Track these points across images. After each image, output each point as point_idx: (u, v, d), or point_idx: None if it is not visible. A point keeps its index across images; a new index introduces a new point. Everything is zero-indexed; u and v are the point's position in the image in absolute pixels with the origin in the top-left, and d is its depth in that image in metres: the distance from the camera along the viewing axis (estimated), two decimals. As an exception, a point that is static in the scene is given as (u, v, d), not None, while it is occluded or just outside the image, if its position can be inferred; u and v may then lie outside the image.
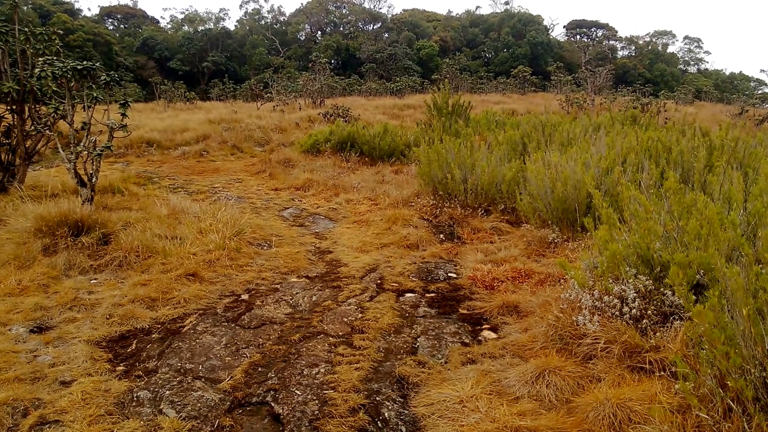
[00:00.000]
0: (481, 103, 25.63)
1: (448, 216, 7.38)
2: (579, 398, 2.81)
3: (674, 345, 2.97)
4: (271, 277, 5.10)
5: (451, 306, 4.45)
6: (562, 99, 23.54)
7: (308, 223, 7.40)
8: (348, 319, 4.10)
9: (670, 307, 3.32)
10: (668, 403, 2.58)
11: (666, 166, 5.73)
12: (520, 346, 3.56)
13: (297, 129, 17.40)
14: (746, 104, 27.53)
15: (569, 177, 5.73)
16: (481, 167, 7.34)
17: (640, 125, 10.08)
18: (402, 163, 11.98)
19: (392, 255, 5.82)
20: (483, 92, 36.75)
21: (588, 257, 4.06)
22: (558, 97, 27.72)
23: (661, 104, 22.09)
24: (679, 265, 2.78)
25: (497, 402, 2.85)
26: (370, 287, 4.83)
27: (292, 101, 25.92)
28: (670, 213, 3.64)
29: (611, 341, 3.17)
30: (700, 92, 44.47)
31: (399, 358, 3.51)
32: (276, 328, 3.95)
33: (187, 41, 54.48)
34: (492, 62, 63.76)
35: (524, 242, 5.99)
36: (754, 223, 3.42)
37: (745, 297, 2.26)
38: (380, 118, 19.75)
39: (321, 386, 3.12)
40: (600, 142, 7.06)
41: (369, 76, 46.97)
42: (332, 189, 9.65)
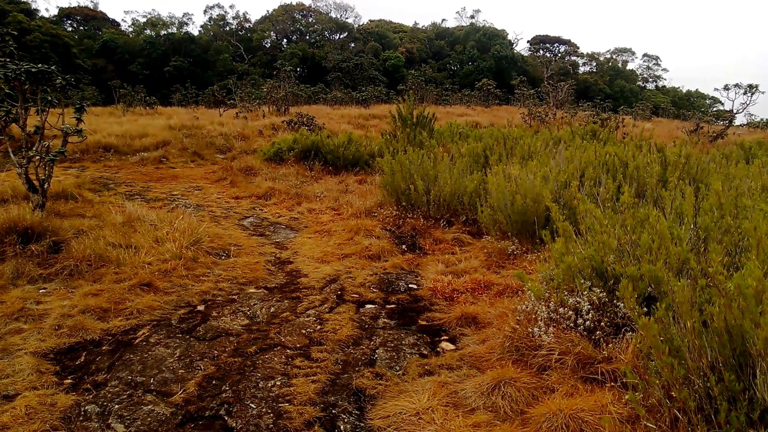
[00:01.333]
0: (446, 115, 25.85)
1: (411, 227, 7.41)
2: (533, 409, 2.85)
3: (625, 356, 3.04)
4: (229, 287, 5.04)
5: (410, 317, 4.46)
6: (525, 112, 23.87)
7: (269, 232, 7.35)
8: (306, 331, 4.08)
9: (622, 319, 3.40)
10: (618, 414, 2.63)
11: (622, 181, 5.86)
12: (478, 358, 3.59)
13: (260, 137, 17.29)
14: (701, 121, 28.30)
15: (529, 190, 5.82)
16: (443, 179, 7.41)
17: (599, 140, 10.30)
18: (366, 173, 11.99)
19: (354, 265, 5.82)
20: (448, 104, 37.10)
21: (545, 269, 4.12)
22: (521, 110, 28.12)
23: (620, 120, 22.54)
24: (630, 278, 2.86)
25: (453, 414, 2.87)
26: (330, 298, 4.81)
27: (256, 108, 25.78)
28: (624, 227, 3.73)
29: (565, 352, 3.23)
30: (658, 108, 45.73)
31: (357, 370, 3.51)
32: (232, 340, 3.91)
33: (148, 45, 53.82)
34: (457, 74, 64.51)
35: (484, 254, 6.05)
36: (704, 237, 3.52)
37: (690, 310, 2.33)
38: (345, 127, 19.73)
39: (276, 399, 3.10)
40: (560, 155, 7.19)
41: (335, 85, 47.02)
42: (295, 198, 9.60)
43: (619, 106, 43.31)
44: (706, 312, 2.34)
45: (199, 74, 53.90)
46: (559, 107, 28.97)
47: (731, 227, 3.41)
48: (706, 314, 2.34)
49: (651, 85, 78.63)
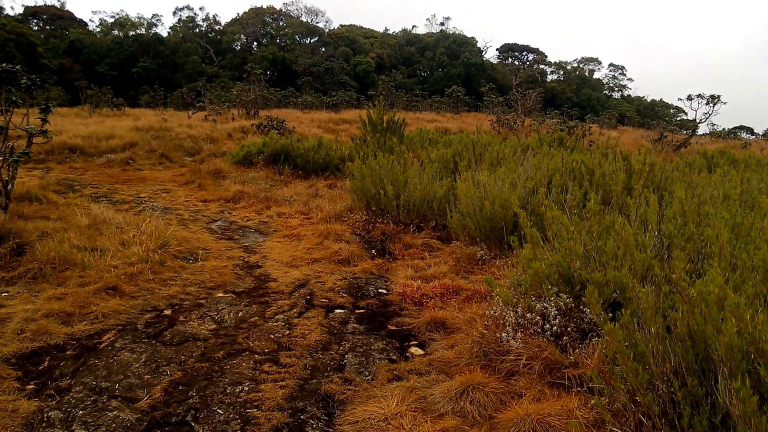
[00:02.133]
0: (416, 121, 25.98)
1: (381, 231, 7.42)
2: (501, 414, 2.87)
3: (592, 361, 3.08)
4: (196, 291, 4.97)
5: (380, 322, 4.46)
6: (494, 119, 24.13)
7: (237, 236, 7.28)
8: (275, 336, 4.05)
9: (588, 325, 3.45)
10: (584, 418, 2.67)
11: (589, 188, 5.96)
12: (446, 363, 3.60)
13: (229, 140, 17.14)
14: (665, 130, 28.97)
15: (497, 196, 5.88)
16: (413, 184, 7.44)
17: (566, 147, 10.46)
18: (336, 178, 11.98)
19: (323, 270, 5.80)
20: (418, 110, 37.31)
21: (513, 275, 4.16)
22: (490, 117, 28.40)
23: (587, 128, 22.97)
24: (596, 285, 2.90)
25: (422, 419, 2.88)
26: (299, 303, 4.78)
27: (225, 111, 25.57)
28: (590, 233, 3.78)
29: (533, 357, 3.26)
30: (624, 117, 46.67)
31: (326, 375, 3.49)
32: (199, 345, 3.86)
33: (116, 46, 52.98)
34: (427, 81, 64.91)
35: (453, 259, 6.08)
36: (667, 244, 3.60)
37: (654, 316, 2.37)
38: (315, 131, 19.69)
39: (244, 405, 3.06)
40: (527, 162, 7.28)
41: (305, 89, 46.90)
42: (264, 202, 9.53)
43: (586, 114, 44.10)
44: (670, 318, 2.39)
45: (167, 76, 53.25)
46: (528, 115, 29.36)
47: (694, 235, 3.49)
48: (670, 320, 2.39)
49: (617, 94, 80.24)
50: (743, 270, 2.56)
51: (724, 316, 2.01)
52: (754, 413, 1.77)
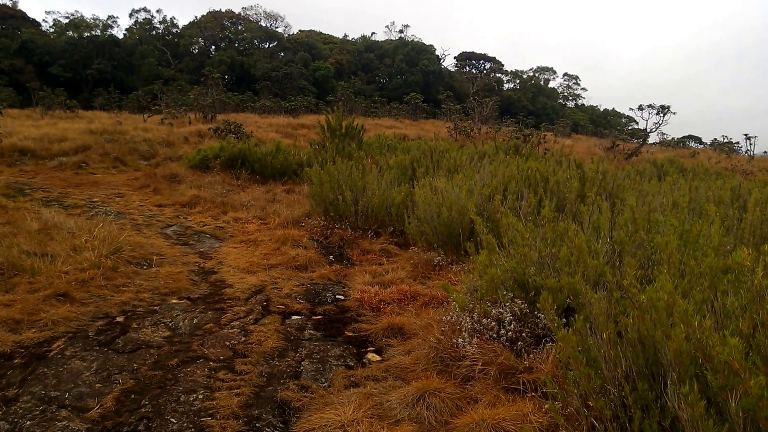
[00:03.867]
0: (375, 127, 26.04)
1: (339, 237, 7.40)
2: (457, 419, 2.88)
3: (546, 366, 3.13)
4: (150, 298, 4.86)
5: (337, 328, 4.44)
6: (451, 127, 24.38)
7: (193, 241, 7.16)
8: (230, 343, 3.99)
9: (543, 330, 3.50)
10: (539, 423, 2.71)
11: (543, 195, 6.06)
12: (403, 369, 3.61)
13: (186, 143, 16.90)
14: (617, 139, 29.72)
15: (454, 203, 5.93)
16: (372, 190, 7.45)
17: (521, 155, 10.63)
18: (294, 183, 11.93)
19: (280, 276, 5.74)
20: (376, 116, 37.38)
21: (469, 281, 4.20)
22: (447, 124, 28.66)
23: (542, 136, 23.39)
24: (550, 290, 2.95)
25: (378, 425, 2.87)
26: (255, 309, 4.72)
27: (182, 115, 25.20)
28: (544, 240, 3.85)
29: (488, 363, 3.29)
30: (578, 126, 47.69)
31: (282, 382, 3.45)
32: (153, 353, 3.77)
33: (70, 47, 51.56)
34: (386, 87, 65.12)
35: (411, 264, 6.10)
36: (619, 250, 3.68)
37: (606, 321, 2.42)
38: (273, 136, 19.57)
39: (198, 413, 3.00)
40: (484, 170, 7.37)
41: (263, 94, 46.43)
42: (220, 207, 9.41)
43: (541, 122, 44.87)
44: (621, 323, 2.44)
45: (123, 78, 52.00)
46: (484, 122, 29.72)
47: (644, 242, 3.58)
48: (621, 326, 2.44)
49: (571, 104, 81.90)
50: (691, 276, 2.64)
51: (673, 322, 2.06)
52: (702, 417, 1.82)
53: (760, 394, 1.65)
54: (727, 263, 2.41)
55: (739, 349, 1.72)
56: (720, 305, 2.34)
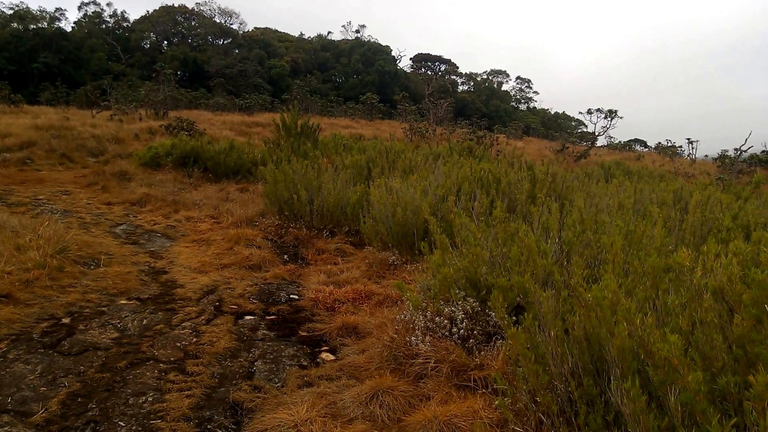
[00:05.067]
0: (330, 126, 25.98)
1: (294, 237, 7.37)
2: (410, 417, 2.92)
3: (496, 363, 3.20)
4: (98, 298, 4.75)
5: (291, 328, 4.43)
6: (407, 127, 24.48)
7: (143, 240, 7.02)
8: (181, 344, 3.94)
9: (494, 328, 3.58)
10: (489, 418, 2.76)
11: (495, 196, 6.17)
12: (357, 368, 3.63)
13: (136, 140, 16.51)
14: (567, 141, 30.41)
15: (409, 203, 5.98)
16: (327, 189, 7.44)
17: (475, 156, 10.77)
18: (248, 182, 11.83)
19: (233, 276, 5.69)
20: (333, 116, 37.29)
21: (423, 280, 4.26)
22: (403, 125, 28.78)
23: (495, 138, 23.73)
24: (500, 289, 3.01)
25: (331, 424, 2.88)
26: (207, 310, 4.67)
27: (133, 111, 24.60)
28: (496, 240, 3.93)
29: (441, 360, 3.34)
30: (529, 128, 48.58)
31: (234, 383, 3.42)
32: (100, 355, 3.69)
33: (15, 39, 49.66)
34: (342, 87, 65.00)
35: (366, 264, 6.13)
36: (567, 250, 3.78)
37: (554, 319, 2.50)
38: (227, 134, 19.33)
39: (148, 416, 2.95)
40: (438, 170, 7.45)
41: (217, 91, 45.76)
42: (172, 205, 9.24)
43: (494, 124, 45.46)
44: (568, 321, 2.52)
45: (71, 73, 50.34)
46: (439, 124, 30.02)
47: (591, 242, 3.69)
48: (568, 323, 2.52)
49: (523, 107, 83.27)
50: (635, 276, 2.74)
51: (617, 319, 2.13)
52: (643, 411, 1.89)
53: (698, 389, 1.72)
54: (668, 263, 2.51)
55: (678, 345, 1.80)
56: (661, 303, 2.43)
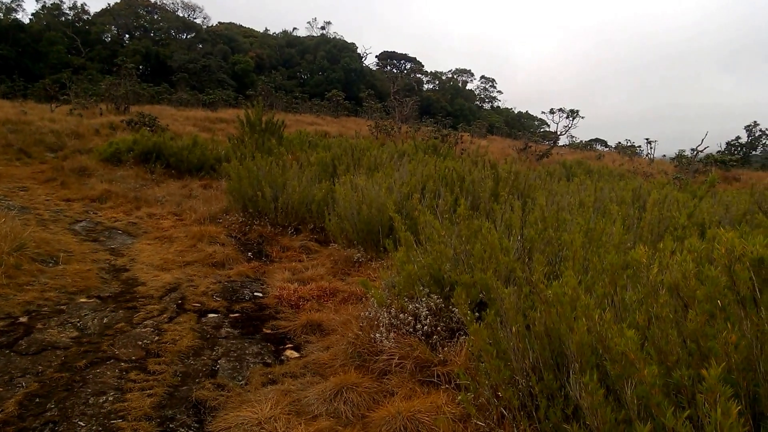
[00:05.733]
0: (296, 123, 25.82)
1: (258, 234, 7.33)
2: (374, 413, 2.93)
3: (459, 359, 3.24)
4: (57, 297, 4.64)
5: (255, 326, 4.41)
6: (372, 125, 24.48)
7: (104, 238, 6.89)
8: (143, 343, 3.88)
9: (457, 324, 3.62)
10: (452, 413, 2.80)
11: (459, 194, 6.22)
12: (321, 365, 3.63)
13: (97, 136, 16.15)
14: (530, 140, 30.79)
15: (374, 200, 6.00)
16: (292, 186, 7.41)
17: (439, 155, 10.84)
18: (212, 178, 11.71)
19: (196, 273, 5.63)
20: (298, 112, 37.03)
21: (388, 277, 4.27)
22: (368, 122, 28.76)
23: (459, 136, 23.92)
24: (463, 286, 3.05)
25: (296, 421, 2.88)
26: (169, 308, 4.61)
27: (93, 106, 24.06)
28: (459, 237, 3.96)
29: (405, 357, 3.37)
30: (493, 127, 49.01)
31: (197, 381, 3.39)
32: (59, 354, 3.61)
33: (-32, 31, 48.21)
34: (307, 83, 64.62)
35: (331, 261, 6.13)
36: (529, 247, 3.84)
37: (516, 315, 2.54)
38: (191, 129, 19.07)
39: (108, 416, 2.91)
40: (403, 168, 7.48)
41: (180, 86, 45.02)
42: (133, 202, 9.10)
43: (459, 123, 45.80)
44: (530, 317, 2.57)
45: (28, 66, 48.87)
46: (404, 122, 30.07)
47: (553, 239, 3.75)
48: (530, 319, 2.57)
49: (487, 106, 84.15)
50: (594, 272, 2.80)
51: (576, 315, 2.18)
52: (600, 405, 1.94)
53: (653, 382, 1.77)
54: (626, 260, 2.57)
55: (634, 340, 1.84)
56: (620, 299, 2.49)
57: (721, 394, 1.50)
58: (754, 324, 1.82)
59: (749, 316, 1.83)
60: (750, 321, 1.83)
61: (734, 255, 1.85)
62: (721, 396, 1.50)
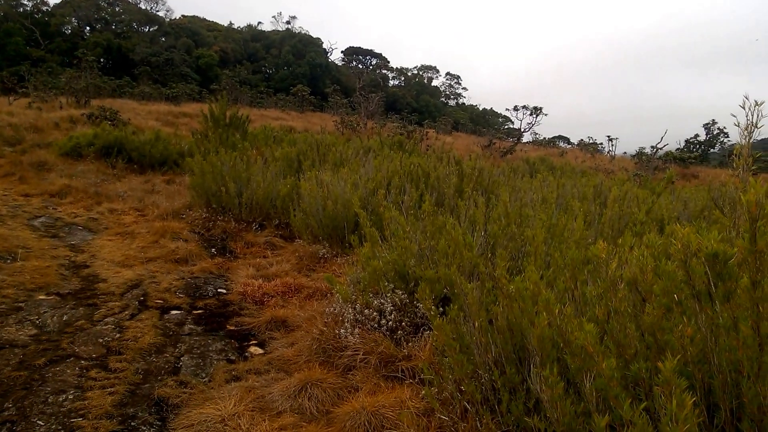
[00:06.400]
0: (261, 118, 25.61)
1: (222, 230, 7.25)
2: (338, 408, 2.94)
3: (423, 354, 3.26)
4: (15, 294, 4.52)
5: (219, 322, 4.37)
6: (338, 120, 24.41)
7: (63, 233, 6.73)
8: (104, 340, 3.81)
9: (421, 319, 3.64)
10: (416, 408, 2.82)
11: (425, 190, 6.25)
12: (286, 361, 3.62)
13: (56, 129, 15.75)
14: (494, 137, 31.08)
15: (339, 196, 5.99)
16: (256, 182, 7.35)
17: (405, 151, 10.86)
18: (175, 173, 11.57)
19: (158, 270, 5.54)
20: (263, 107, 36.77)
21: (353, 272, 4.27)
22: (334, 118, 28.67)
23: (425, 132, 24.00)
24: (428, 281, 3.07)
25: (260, 418, 2.87)
26: (131, 305, 4.53)
27: (53, 99, 23.44)
28: (424, 233, 3.99)
29: (369, 352, 3.38)
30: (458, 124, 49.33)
31: (160, 379, 3.35)
32: (17, 352, 3.52)
33: None
34: (272, 78, 64.12)
35: (296, 257, 6.10)
36: (492, 243, 3.88)
37: (479, 310, 2.56)
38: (153, 124, 18.76)
39: (68, 414, 2.85)
40: (369, 164, 7.48)
41: (143, 80, 44.20)
42: (94, 197, 8.92)
43: (424, 119, 45.93)
44: (492, 312, 2.60)
45: (-15, 58, 47.53)
46: (370, 117, 30.05)
47: (516, 235, 3.80)
48: (492, 314, 2.60)
49: (453, 102, 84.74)
50: (556, 267, 2.85)
51: (538, 309, 2.21)
52: (560, 397, 1.97)
53: (611, 375, 1.81)
54: (587, 255, 2.62)
55: (593, 333, 1.88)
56: (580, 294, 2.53)
57: (677, 386, 1.53)
58: (709, 317, 1.87)
59: (704, 310, 1.88)
60: (705, 315, 1.88)
61: (690, 250, 1.89)
62: (676, 388, 1.54)
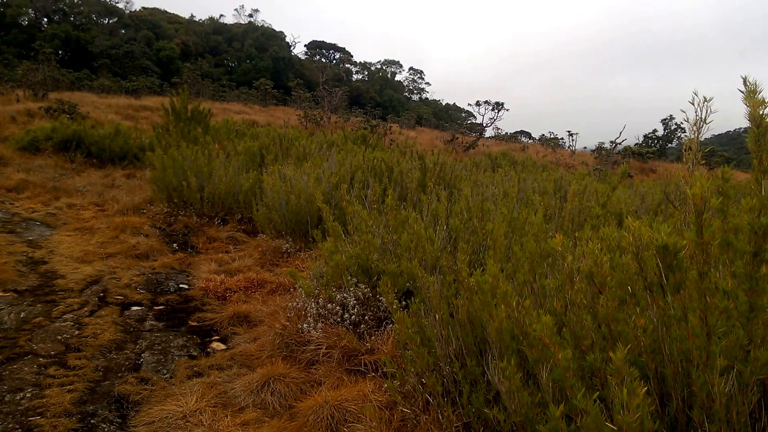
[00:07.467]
0: (223, 112, 25.32)
1: (183, 224, 7.17)
2: (301, 403, 2.94)
3: (386, 347, 3.29)
4: (-32, 291, 4.42)
5: (180, 318, 4.32)
6: (302, 114, 24.32)
7: (20, 229, 6.56)
8: (63, 337, 3.74)
9: (384, 312, 3.67)
10: (379, 401, 2.84)
11: (388, 184, 6.28)
12: (249, 356, 3.61)
13: (13, 123, 15.33)
14: (457, 132, 31.32)
15: (302, 190, 5.97)
16: (218, 176, 7.28)
17: (368, 145, 10.88)
18: (135, 167, 11.40)
19: (119, 265, 5.45)
20: (225, 101, 36.32)
21: (316, 267, 4.28)
22: (297, 112, 28.54)
23: (388, 127, 24.06)
24: (390, 275, 3.10)
25: (222, 414, 2.86)
26: (90, 301, 4.45)
27: (9, 92, 22.77)
28: (387, 227, 4.01)
29: (332, 346, 3.39)
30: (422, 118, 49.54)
31: (120, 376, 3.30)
32: (-29, 350, 3.45)
33: None
34: (235, 72, 63.41)
35: (259, 252, 6.06)
36: (454, 237, 3.93)
37: (440, 303, 2.60)
38: (113, 117, 18.40)
39: (26, 413, 2.79)
40: (332, 158, 7.48)
41: (102, 73, 43.22)
42: (52, 192, 8.72)
43: (388, 114, 46.04)
44: (453, 305, 2.63)
45: (-63, 51, 45.82)
46: (334, 112, 29.93)
47: (477, 228, 3.85)
48: (453, 307, 2.63)
49: (416, 97, 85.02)
50: (516, 261, 2.89)
51: (497, 302, 2.25)
52: (518, 388, 2.02)
53: (567, 365, 1.85)
54: (546, 248, 2.67)
55: (549, 325, 1.92)
56: (539, 286, 2.59)
57: (628, 375, 1.58)
58: (661, 308, 1.93)
59: (656, 301, 1.94)
60: (657, 306, 1.94)
61: (642, 243, 1.95)
62: (627, 377, 1.58)
